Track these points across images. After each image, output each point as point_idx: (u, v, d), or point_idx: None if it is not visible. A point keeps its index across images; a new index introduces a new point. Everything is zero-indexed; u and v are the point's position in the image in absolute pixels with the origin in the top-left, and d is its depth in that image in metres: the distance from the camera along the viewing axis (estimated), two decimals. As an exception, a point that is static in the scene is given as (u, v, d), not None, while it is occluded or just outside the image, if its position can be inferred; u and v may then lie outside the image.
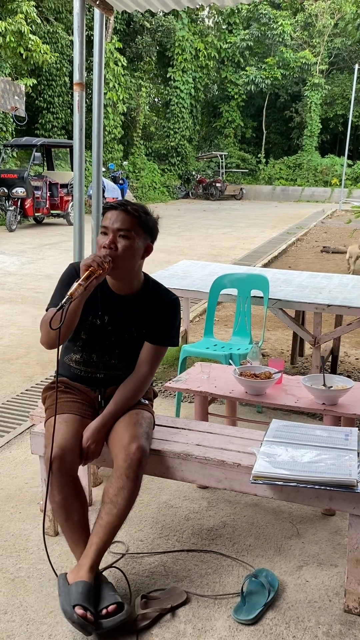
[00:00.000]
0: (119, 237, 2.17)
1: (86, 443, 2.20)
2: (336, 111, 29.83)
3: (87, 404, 2.35)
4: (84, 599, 1.95)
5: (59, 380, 2.40)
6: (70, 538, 2.17)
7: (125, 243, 2.17)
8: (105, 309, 2.29)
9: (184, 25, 25.68)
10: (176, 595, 2.16)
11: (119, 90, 21.39)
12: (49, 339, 2.17)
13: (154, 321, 2.32)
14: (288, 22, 27.02)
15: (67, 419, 2.23)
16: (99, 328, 2.30)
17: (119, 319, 2.31)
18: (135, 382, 2.32)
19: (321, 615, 2.12)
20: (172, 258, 9.49)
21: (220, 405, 3.79)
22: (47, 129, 21.28)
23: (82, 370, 2.37)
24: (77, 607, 1.92)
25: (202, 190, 26.47)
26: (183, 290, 4.21)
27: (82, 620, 1.89)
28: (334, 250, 11.61)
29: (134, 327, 2.32)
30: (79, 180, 3.71)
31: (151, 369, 2.35)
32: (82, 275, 2.07)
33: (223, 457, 2.26)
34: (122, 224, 2.17)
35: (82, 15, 3.61)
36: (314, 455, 2.19)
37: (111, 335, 2.32)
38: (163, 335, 2.34)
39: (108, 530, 2.07)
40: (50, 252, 10.78)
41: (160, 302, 2.34)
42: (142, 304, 2.32)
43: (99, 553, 2.07)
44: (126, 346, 2.34)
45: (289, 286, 4.35)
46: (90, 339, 2.31)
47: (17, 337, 5.50)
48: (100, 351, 2.33)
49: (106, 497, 2.11)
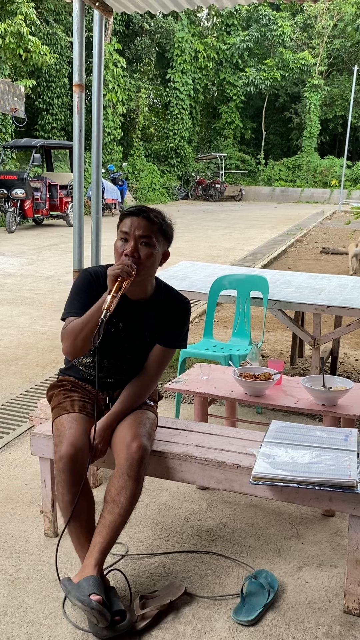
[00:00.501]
0: (140, 245, 2.16)
1: (94, 442, 2.20)
2: (335, 112, 29.86)
3: (93, 403, 2.35)
4: (97, 589, 1.94)
5: (66, 379, 2.40)
6: (76, 539, 2.16)
7: (148, 251, 2.16)
8: (120, 315, 2.25)
9: (183, 27, 25.72)
10: (174, 590, 2.16)
11: (118, 91, 21.41)
12: (75, 350, 2.16)
13: (166, 324, 2.33)
14: (287, 24, 27.04)
15: (77, 418, 2.23)
16: (113, 335, 2.28)
17: (133, 326, 2.30)
18: (142, 382, 2.33)
19: (321, 616, 2.12)
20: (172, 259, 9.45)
21: (219, 407, 3.79)
22: (46, 130, 21.31)
23: (91, 375, 2.36)
24: (93, 595, 1.91)
25: (202, 191, 26.49)
26: (183, 292, 4.18)
27: (101, 606, 1.88)
28: (334, 251, 11.62)
29: (147, 334, 2.32)
30: (79, 182, 3.71)
31: (159, 370, 2.35)
32: (113, 287, 2.04)
33: (223, 458, 2.26)
34: (144, 230, 2.16)
35: (82, 17, 3.61)
36: (313, 456, 2.19)
37: (125, 342, 2.31)
38: (174, 338, 2.36)
39: (111, 530, 2.07)
40: (49, 254, 10.78)
41: (173, 306, 2.35)
42: (155, 309, 2.32)
43: (103, 552, 2.06)
44: (138, 352, 2.34)
45: (289, 287, 4.35)
46: (103, 345, 2.25)
47: (16, 338, 5.50)
48: (112, 357, 2.32)
49: (108, 496, 2.11)
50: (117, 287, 2.04)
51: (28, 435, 3.25)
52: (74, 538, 2.16)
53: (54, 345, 5.20)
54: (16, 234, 13.58)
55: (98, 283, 2.23)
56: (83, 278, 2.28)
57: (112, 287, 2.05)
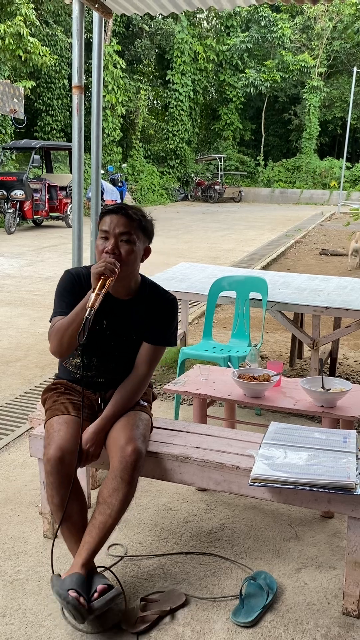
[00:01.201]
0: (120, 242, 2.18)
1: (85, 445, 2.20)
2: (335, 114, 29.87)
3: (86, 406, 2.35)
4: (77, 586, 1.97)
5: (59, 382, 2.40)
6: (68, 538, 2.17)
7: (128, 247, 2.18)
8: (103, 313, 2.27)
9: (182, 28, 25.73)
10: (175, 597, 2.16)
11: (117, 92, 21.42)
12: (62, 349, 2.18)
13: (153, 322, 2.33)
14: (287, 25, 27.06)
15: (67, 420, 2.23)
16: (98, 333, 2.29)
17: (117, 323, 2.31)
18: (133, 383, 2.32)
19: (320, 617, 2.12)
20: (171, 260, 9.49)
21: (219, 408, 3.79)
22: (46, 132, 21.31)
23: (81, 374, 2.36)
24: (71, 591, 1.94)
25: (201, 192, 26.50)
26: (182, 293, 4.21)
27: (76, 602, 1.91)
28: (333, 252, 11.63)
29: (133, 331, 2.32)
30: (78, 183, 3.72)
31: (149, 369, 2.35)
32: (97, 285, 2.07)
33: (222, 459, 2.26)
34: (123, 227, 2.18)
35: (81, 19, 3.62)
36: (312, 457, 2.19)
37: (110, 340, 2.32)
38: (161, 335, 2.35)
39: (100, 531, 2.07)
40: (49, 255, 10.78)
41: (158, 302, 2.35)
42: (140, 306, 2.33)
43: (91, 552, 2.07)
44: (126, 350, 2.34)
45: (288, 288, 4.35)
46: (90, 344, 2.27)
47: (15, 339, 5.50)
48: (100, 355, 2.33)
49: (100, 497, 2.11)
50: (101, 284, 2.07)
51: (27, 437, 3.26)
52: (66, 538, 2.17)
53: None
54: (15, 235, 13.59)
55: (80, 283, 2.25)
56: (66, 279, 2.30)
57: (96, 284, 2.07)
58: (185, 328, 4.91)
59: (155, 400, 2.64)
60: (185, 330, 4.89)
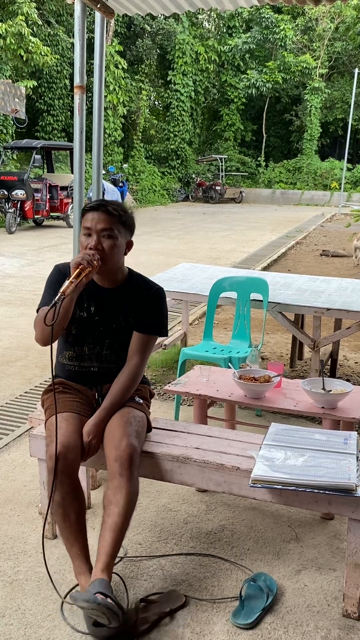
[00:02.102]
0: (102, 237, 2.27)
1: (87, 438, 2.22)
2: (336, 115, 29.85)
3: (85, 402, 2.38)
4: (104, 589, 1.92)
5: (57, 381, 2.41)
6: (66, 538, 2.17)
7: (110, 242, 2.27)
8: (90, 301, 2.37)
9: (184, 29, 25.72)
10: (175, 599, 2.16)
11: (119, 93, 21.41)
12: (43, 336, 2.25)
13: (141, 311, 2.39)
14: (289, 27, 27.04)
15: (68, 418, 2.25)
16: (86, 320, 2.37)
17: (105, 308, 2.38)
18: (127, 373, 2.36)
19: (320, 619, 2.11)
20: (172, 261, 9.49)
21: (219, 409, 3.79)
22: (47, 132, 21.30)
23: (75, 365, 2.41)
24: (98, 593, 1.89)
25: (202, 193, 26.48)
26: (183, 293, 4.21)
27: (107, 601, 1.86)
28: (334, 253, 11.62)
29: (120, 316, 2.38)
30: (79, 183, 3.71)
31: (142, 359, 2.39)
32: (73, 274, 2.15)
33: (222, 460, 2.25)
34: (105, 224, 2.27)
35: (83, 18, 3.61)
36: (313, 459, 2.18)
37: (99, 325, 2.38)
38: (151, 324, 2.40)
39: (113, 532, 2.06)
40: (49, 255, 10.78)
41: (145, 292, 2.42)
42: (127, 295, 2.40)
43: (109, 556, 2.04)
44: (115, 336, 2.39)
45: (289, 290, 4.35)
46: (80, 332, 2.38)
47: (16, 339, 5.49)
48: (91, 343, 2.38)
49: (106, 499, 2.12)
50: (77, 273, 2.15)
51: (27, 437, 3.25)
52: (64, 537, 2.18)
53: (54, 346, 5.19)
54: (16, 235, 13.58)
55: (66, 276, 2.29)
56: (53, 272, 2.42)
57: (73, 273, 2.16)
58: (185, 328, 4.90)
59: (153, 397, 2.64)
60: (185, 331, 4.89)
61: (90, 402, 2.40)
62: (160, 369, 4.68)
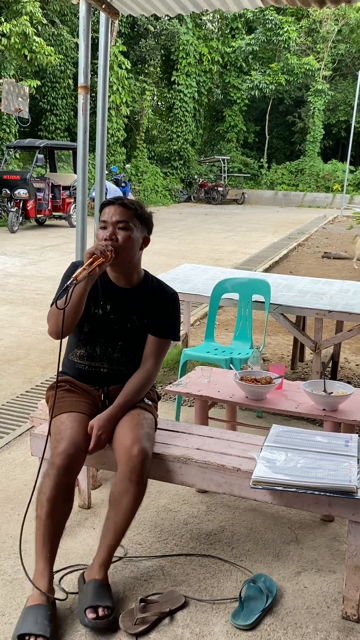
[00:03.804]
0: (118, 229, 2.29)
1: (98, 432, 2.22)
2: (339, 117, 29.87)
3: (90, 402, 2.38)
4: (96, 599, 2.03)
5: (64, 379, 2.42)
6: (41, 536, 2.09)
7: (125, 234, 2.29)
8: (106, 299, 2.38)
9: (188, 30, 25.74)
10: (174, 599, 2.16)
11: (122, 93, 21.44)
12: (57, 328, 2.22)
13: (156, 314, 2.40)
14: (293, 29, 27.05)
15: (76, 418, 2.25)
16: (101, 318, 2.37)
17: (120, 307, 2.38)
18: (142, 375, 2.38)
19: (319, 621, 2.11)
20: (174, 261, 9.50)
21: (220, 410, 3.79)
22: (50, 131, 21.32)
23: (86, 365, 2.40)
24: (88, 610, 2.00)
25: (204, 194, 26.50)
26: (184, 294, 4.21)
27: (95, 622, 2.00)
28: (335, 255, 11.62)
29: (135, 317, 2.38)
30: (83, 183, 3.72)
31: (156, 362, 2.41)
32: (86, 262, 2.17)
33: (223, 461, 2.26)
34: (120, 216, 2.30)
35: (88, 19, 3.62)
36: (313, 461, 2.19)
37: (114, 324, 2.37)
38: (166, 328, 2.42)
39: (116, 532, 2.13)
40: (51, 254, 10.79)
41: (161, 296, 2.43)
42: (142, 296, 2.41)
43: (107, 552, 2.13)
44: (128, 338, 2.38)
45: (290, 291, 4.35)
46: (93, 331, 2.37)
47: (17, 338, 5.50)
48: (104, 343, 2.38)
49: (112, 497, 2.14)
50: (90, 262, 2.17)
51: (28, 436, 3.25)
52: (39, 536, 2.10)
53: (55, 346, 5.20)
54: (18, 234, 13.59)
55: None
56: (70, 267, 2.43)
57: (86, 262, 2.18)
58: (187, 329, 4.91)
59: (160, 399, 2.65)
60: (187, 332, 4.89)
61: (96, 402, 2.39)
62: (161, 370, 4.68)
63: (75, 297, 2.17)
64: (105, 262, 2.20)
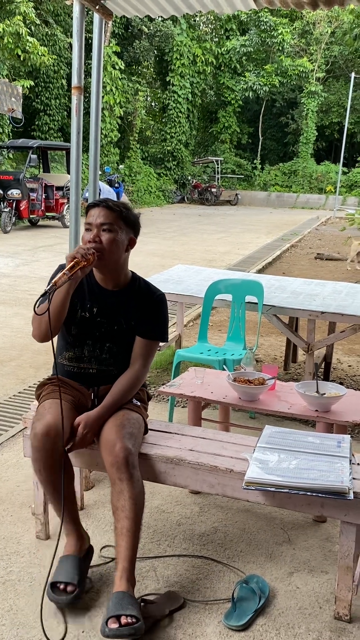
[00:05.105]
0: (102, 231, 2.29)
1: (84, 430, 2.23)
2: (332, 119, 29.96)
3: (80, 399, 2.39)
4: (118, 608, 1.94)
5: (54, 377, 2.42)
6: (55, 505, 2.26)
7: (109, 236, 2.28)
8: (93, 301, 2.38)
9: (182, 31, 25.75)
10: (173, 600, 2.16)
11: (116, 93, 21.42)
12: (40, 331, 2.25)
13: (144, 316, 2.40)
14: (287, 30, 27.11)
15: (58, 403, 2.23)
16: (88, 320, 2.37)
17: (107, 309, 2.38)
18: (130, 376, 2.38)
19: (311, 622, 2.12)
20: (167, 262, 9.50)
21: (213, 411, 3.80)
22: (43, 131, 21.28)
23: (74, 366, 2.41)
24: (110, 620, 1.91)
25: (198, 195, 26.52)
26: (178, 295, 4.21)
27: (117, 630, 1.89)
28: (328, 257, 11.66)
29: (122, 319, 2.38)
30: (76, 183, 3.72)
31: (145, 363, 2.41)
32: (68, 266, 2.16)
33: (216, 462, 2.26)
34: (104, 218, 2.29)
35: (82, 20, 3.62)
36: (306, 462, 2.19)
37: (101, 327, 2.38)
38: (154, 329, 2.42)
39: (126, 536, 2.06)
40: (44, 254, 10.76)
41: (148, 297, 2.43)
42: (130, 298, 2.41)
43: (127, 561, 2.05)
44: (116, 339, 2.39)
45: (283, 292, 4.36)
46: (81, 333, 2.38)
47: (10, 339, 5.48)
48: (91, 345, 2.38)
49: (112, 506, 2.13)
50: (71, 266, 2.16)
51: (21, 437, 3.25)
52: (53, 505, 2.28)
53: (48, 347, 5.19)
54: (11, 235, 13.56)
55: None
56: (57, 270, 2.41)
57: (67, 266, 2.17)
58: (180, 330, 4.91)
59: (150, 400, 2.65)
60: (180, 333, 4.90)
61: (86, 400, 2.41)
62: (154, 371, 4.68)
63: (57, 301, 2.17)
64: (88, 266, 2.20)
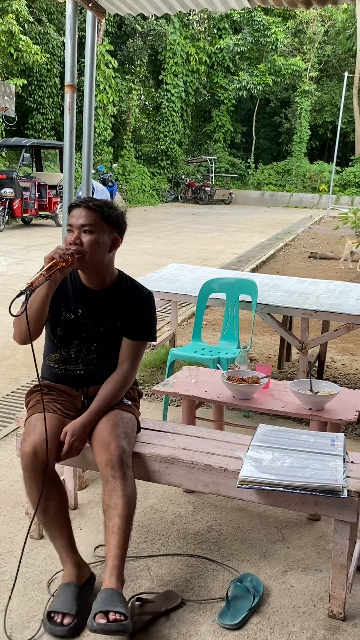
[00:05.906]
0: (83, 233, 2.24)
1: (71, 438, 2.19)
2: (325, 118, 30.01)
3: (70, 404, 2.36)
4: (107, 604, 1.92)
5: (42, 384, 2.39)
6: (49, 531, 2.19)
7: (90, 238, 2.24)
8: (78, 302, 2.34)
9: (175, 30, 25.72)
10: (171, 599, 2.16)
11: (109, 92, 21.38)
12: (20, 334, 2.23)
13: (131, 315, 2.36)
14: (281, 29, 27.13)
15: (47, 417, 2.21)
16: (73, 322, 2.34)
17: (93, 310, 2.35)
18: (117, 378, 2.34)
19: (305, 620, 2.12)
20: (161, 261, 9.49)
21: (207, 409, 3.79)
22: (36, 130, 21.21)
23: (62, 368, 2.39)
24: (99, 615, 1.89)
25: (191, 194, 26.50)
26: (172, 294, 4.21)
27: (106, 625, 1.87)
28: (322, 256, 11.68)
29: (108, 319, 2.36)
30: (69, 182, 3.70)
31: (132, 365, 2.38)
32: (46, 267, 2.12)
33: (210, 461, 2.26)
34: (85, 219, 2.25)
35: (75, 18, 3.60)
36: (300, 460, 2.19)
37: (87, 328, 2.35)
38: (141, 330, 2.38)
39: (117, 534, 2.05)
40: (37, 253, 10.73)
41: (135, 296, 2.39)
42: (116, 298, 2.37)
43: (117, 558, 2.03)
44: (103, 340, 2.36)
45: (277, 291, 4.37)
46: (67, 335, 2.35)
47: (3, 338, 5.46)
48: (78, 346, 2.36)
49: (104, 505, 2.11)
50: (48, 267, 2.12)
51: (14, 436, 3.24)
52: (47, 531, 2.20)
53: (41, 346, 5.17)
54: (4, 234, 13.51)
55: None
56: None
57: (45, 266, 2.13)
58: (174, 329, 4.90)
59: (142, 398, 2.64)
60: (174, 332, 4.89)
61: (76, 403, 2.38)
62: (148, 370, 4.67)
63: (36, 302, 2.14)
64: (67, 267, 2.15)
